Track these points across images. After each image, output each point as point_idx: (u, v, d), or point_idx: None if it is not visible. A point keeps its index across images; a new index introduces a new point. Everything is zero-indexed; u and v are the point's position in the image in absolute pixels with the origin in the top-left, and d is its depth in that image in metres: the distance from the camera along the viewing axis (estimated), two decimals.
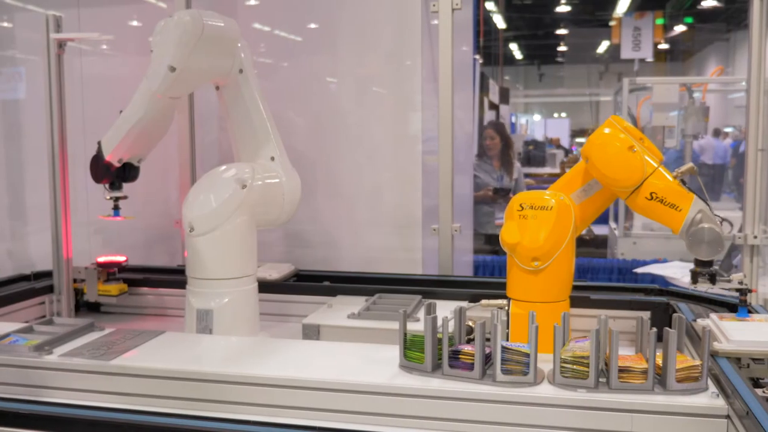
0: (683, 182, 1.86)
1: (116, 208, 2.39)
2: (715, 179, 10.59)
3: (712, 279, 1.85)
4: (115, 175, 2.36)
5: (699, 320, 1.93)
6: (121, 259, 2.63)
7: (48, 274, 2.56)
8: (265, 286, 2.38)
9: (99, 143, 2.32)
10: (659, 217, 1.88)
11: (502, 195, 6.04)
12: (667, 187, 1.85)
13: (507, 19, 14.82)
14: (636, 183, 1.86)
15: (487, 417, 1.54)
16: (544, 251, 1.88)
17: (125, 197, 2.41)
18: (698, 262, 1.86)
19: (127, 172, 2.38)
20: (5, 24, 3.39)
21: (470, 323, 1.80)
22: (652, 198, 1.86)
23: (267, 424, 1.58)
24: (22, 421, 1.64)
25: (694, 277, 1.87)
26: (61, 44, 2.40)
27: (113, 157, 2.31)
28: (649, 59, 13.14)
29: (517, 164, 6.60)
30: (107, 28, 3.19)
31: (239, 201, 2.14)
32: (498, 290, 2.19)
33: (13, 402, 1.70)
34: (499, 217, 6.30)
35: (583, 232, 2.15)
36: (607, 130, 1.89)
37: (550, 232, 1.88)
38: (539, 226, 1.89)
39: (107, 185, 2.39)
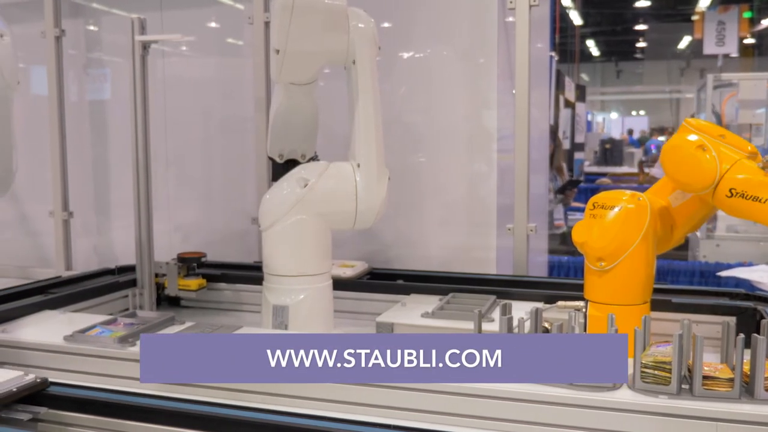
0: None
1: None
2: None
3: None
4: (283, 170, 2.29)
5: None
6: (200, 255, 2.69)
7: (131, 269, 2.65)
8: (339, 284, 2.39)
9: None
10: (746, 213, 1.74)
11: (570, 188, 6.02)
12: (746, 180, 1.72)
13: (584, 15, 14.51)
14: (709, 181, 1.75)
15: (563, 421, 1.51)
16: (608, 252, 1.82)
17: None
18: None
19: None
20: (92, 27, 3.53)
21: (546, 325, 1.77)
22: (732, 194, 1.74)
23: (343, 421, 1.59)
24: (107, 410, 1.70)
25: None
26: (145, 46, 2.47)
27: (273, 152, 2.34)
28: (734, 54, 12.63)
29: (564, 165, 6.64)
30: (187, 30, 3.29)
31: (296, 198, 2.14)
32: (573, 291, 2.15)
33: (99, 391, 1.76)
34: (558, 218, 6.24)
35: None
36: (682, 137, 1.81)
37: (616, 233, 1.82)
38: (606, 226, 1.84)
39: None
